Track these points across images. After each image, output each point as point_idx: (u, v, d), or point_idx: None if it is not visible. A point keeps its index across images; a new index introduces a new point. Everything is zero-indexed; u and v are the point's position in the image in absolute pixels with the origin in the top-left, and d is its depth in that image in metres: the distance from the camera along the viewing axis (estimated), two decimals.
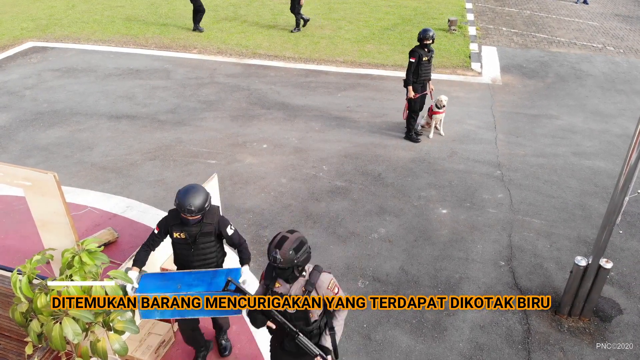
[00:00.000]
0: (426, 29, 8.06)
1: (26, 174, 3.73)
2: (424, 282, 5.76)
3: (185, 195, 3.95)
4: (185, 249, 4.24)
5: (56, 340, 3.37)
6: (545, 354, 4.90)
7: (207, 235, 4.18)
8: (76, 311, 3.38)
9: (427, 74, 8.30)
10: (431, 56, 8.22)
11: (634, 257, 6.19)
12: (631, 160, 4.34)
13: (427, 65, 8.20)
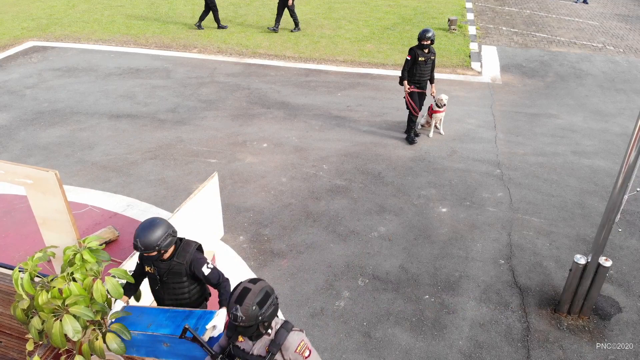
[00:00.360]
0: (425, 29, 8.00)
1: (27, 172, 3.75)
2: (424, 280, 5.78)
3: (141, 230, 3.67)
4: (155, 285, 4.01)
5: (56, 337, 3.38)
6: (544, 352, 4.91)
7: (177, 275, 3.88)
8: (77, 309, 3.40)
9: (422, 75, 8.22)
10: (430, 58, 8.11)
11: (633, 256, 6.21)
12: (630, 158, 4.36)
13: (423, 67, 8.14)
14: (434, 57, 8.19)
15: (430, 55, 8.13)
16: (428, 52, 8.07)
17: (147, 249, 3.64)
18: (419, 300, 5.50)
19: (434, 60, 8.24)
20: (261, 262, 6.03)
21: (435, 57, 8.22)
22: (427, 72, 8.20)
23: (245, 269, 5.92)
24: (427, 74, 8.24)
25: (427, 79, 8.31)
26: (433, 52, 8.16)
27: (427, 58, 8.08)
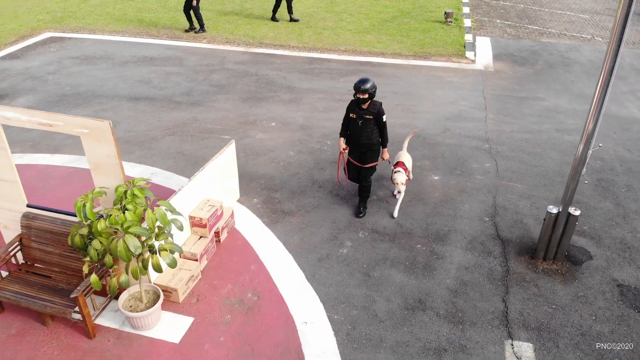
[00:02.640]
0: (361, 79, 5.99)
1: (84, 122, 4.51)
2: (417, 233, 6.54)
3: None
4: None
5: (122, 252, 4.14)
6: (521, 289, 5.68)
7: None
8: (135, 229, 4.16)
9: (357, 137, 6.30)
10: (365, 117, 6.11)
11: (605, 215, 6.96)
12: (593, 118, 5.11)
13: (357, 128, 6.22)
14: (372, 117, 6.11)
15: (366, 114, 6.10)
16: (365, 108, 6.12)
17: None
18: (412, 249, 6.26)
19: (374, 122, 6.18)
20: (273, 219, 6.80)
21: (379, 118, 6.15)
22: (360, 134, 6.25)
23: (260, 225, 6.68)
24: (360, 137, 6.26)
25: (366, 143, 6.33)
26: (373, 111, 6.11)
27: (364, 120, 6.13)
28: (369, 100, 6.14)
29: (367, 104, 6.18)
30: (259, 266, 5.96)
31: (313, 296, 5.54)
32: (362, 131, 6.26)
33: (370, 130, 6.26)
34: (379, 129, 6.33)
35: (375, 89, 6.13)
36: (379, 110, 6.20)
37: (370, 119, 6.18)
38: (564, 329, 5.19)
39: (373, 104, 6.20)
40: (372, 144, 6.38)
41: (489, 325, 5.20)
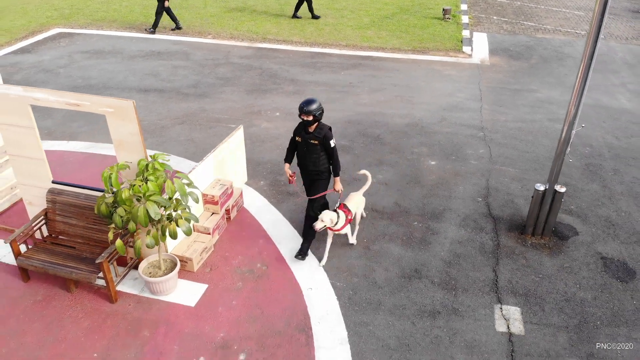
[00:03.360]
0: (307, 100, 5.47)
1: (109, 102, 4.94)
2: (414, 212, 6.97)
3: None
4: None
5: (141, 218, 4.57)
6: (510, 261, 6.11)
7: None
8: (156, 197, 4.59)
9: (303, 163, 5.79)
10: (310, 142, 5.54)
11: (592, 196, 7.39)
12: (576, 100, 5.54)
13: (302, 153, 5.70)
14: (317, 142, 5.53)
15: (311, 139, 5.54)
16: (311, 132, 5.55)
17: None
18: (409, 226, 6.69)
19: (321, 147, 5.60)
20: (279, 200, 7.22)
21: (326, 144, 5.56)
22: (310, 160, 5.68)
23: (267, 204, 7.11)
24: (311, 164, 5.71)
25: (313, 170, 5.78)
26: (319, 136, 5.51)
27: (306, 141, 5.60)
28: (315, 123, 5.52)
29: (314, 127, 5.55)
30: (266, 240, 6.39)
31: (317, 266, 5.97)
32: (307, 157, 5.67)
33: (317, 157, 5.64)
34: (327, 156, 5.69)
35: (321, 111, 5.50)
36: (326, 134, 5.53)
37: (316, 144, 5.55)
38: (550, 295, 5.62)
39: (320, 128, 5.55)
40: (320, 172, 5.76)
41: (480, 292, 5.63)
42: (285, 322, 5.20)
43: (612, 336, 5.15)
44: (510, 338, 5.09)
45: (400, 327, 5.18)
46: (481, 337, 5.08)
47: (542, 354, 4.93)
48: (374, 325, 5.20)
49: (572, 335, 5.14)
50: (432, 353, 4.91)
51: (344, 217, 5.84)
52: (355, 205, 6.15)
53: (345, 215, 5.88)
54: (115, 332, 5.08)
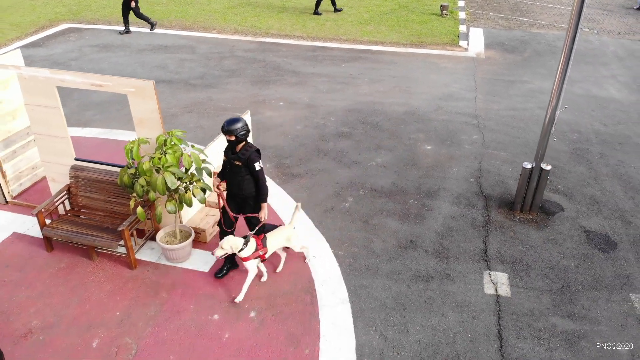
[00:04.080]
0: (229, 120, 5.12)
1: (130, 82, 5.41)
2: (410, 191, 7.44)
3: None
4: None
5: (160, 186, 5.04)
6: (500, 233, 6.57)
7: None
8: (173, 169, 5.06)
9: (228, 184, 5.39)
10: (234, 163, 5.21)
11: (578, 177, 7.85)
12: (558, 83, 6.00)
13: (227, 173, 5.35)
14: (240, 163, 5.18)
15: (235, 160, 5.22)
16: (236, 152, 5.22)
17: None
18: (405, 203, 7.15)
19: (246, 170, 5.23)
20: (284, 180, 7.69)
21: (250, 167, 5.19)
22: (235, 182, 5.32)
23: (273, 184, 7.57)
24: (235, 186, 5.34)
25: (239, 192, 5.38)
26: (242, 157, 5.17)
27: (230, 161, 5.28)
28: (239, 143, 5.19)
29: (239, 148, 5.21)
30: (273, 216, 6.85)
31: (320, 238, 6.44)
32: (232, 179, 5.32)
33: (241, 179, 5.26)
34: (253, 180, 5.31)
35: (245, 132, 5.13)
36: (250, 157, 5.15)
37: (239, 165, 5.19)
38: (535, 263, 6.09)
39: (245, 149, 5.20)
40: (245, 196, 5.38)
41: (470, 260, 6.10)
42: (292, 285, 5.67)
43: (592, 299, 5.61)
44: (498, 299, 5.55)
45: (396, 289, 5.65)
46: (471, 298, 5.55)
47: (526, 313, 5.39)
48: (372, 287, 5.67)
49: (554, 297, 5.60)
50: (426, 311, 5.38)
51: (252, 248, 5.30)
52: (276, 243, 5.58)
53: (257, 247, 5.34)
54: (135, 294, 5.55)
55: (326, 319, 5.24)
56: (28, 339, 5.04)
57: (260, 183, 5.30)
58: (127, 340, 5.00)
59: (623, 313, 5.44)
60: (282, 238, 5.63)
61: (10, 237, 6.42)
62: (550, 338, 5.11)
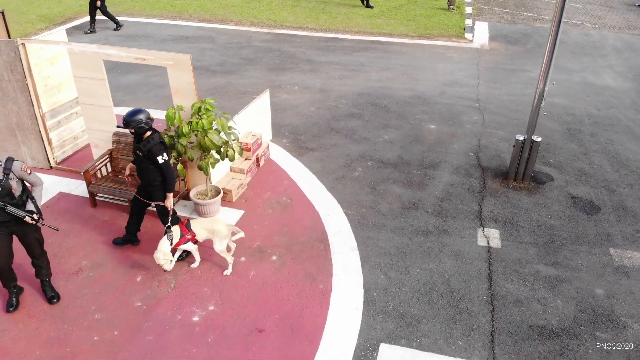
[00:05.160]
0: (129, 112, 5.34)
1: (170, 56, 6.21)
2: (414, 163, 8.19)
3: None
4: None
5: (211, 144, 5.84)
6: (494, 198, 7.31)
7: None
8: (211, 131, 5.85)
9: (138, 172, 5.67)
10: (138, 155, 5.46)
11: (569, 152, 8.56)
12: (547, 59, 6.73)
13: (137, 163, 5.60)
14: (142, 154, 5.39)
15: (137, 150, 5.43)
16: (139, 142, 5.44)
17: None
18: (409, 172, 7.91)
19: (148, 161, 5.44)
20: (300, 153, 8.47)
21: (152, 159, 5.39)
22: (140, 171, 5.60)
23: (290, 156, 8.35)
24: (141, 175, 5.62)
25: (144, 181, 5.66)
26: (144, 149, 5.35)
27: (135, 151, 5.52)
28: (142, 134, 5.40)
29: (145, 138, 5.42)
30: (290, 182, 7.64)
31: (332, 200, 7.21)
32: (139, 168, 5.58)
33: (145, 169, 5.49)
34: (158, 170, 5.49)
35: (142, 124, 5.30)
36: (151, 149, 5.33)
37: (141, 156, 5.43)
38: (525, 222, 6.82)
39: (147, 141, 5.36)
40: (151, 186, 5.64)
41: (466, 219, 6.85)
42: (308, 236, 6.45)
43: (574, 251, 6.33)
44: (489, 250, 6.30)
45: (399, 240, 6.41)
46: (465, 249, 6.30)
47: (514, 261, 6.13)
48: (378, 239, 6.44)
49: (540, 249, 6.33)
50: (424, 258, 6.14)
51: (178, 235, 5.54)
52: (202, 229, 5.65)
53: (182, 234, 5.56)
54: None
55: (338, 262, 6.01)
56: (79, 276, 5.86)
57: (165, 174, 5.46)
58: (166, 277, 5.80)
59: (602, 263, 6.16)
60: (208, 227, 5.62)
61: (56, 196, 7.25)
62: (535, 281, 5.84)
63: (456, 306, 5.46)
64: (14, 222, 5.01)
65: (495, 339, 5.08)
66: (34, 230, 5.17)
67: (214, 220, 5.82)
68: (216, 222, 5.73)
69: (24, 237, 5.20)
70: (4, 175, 4.82)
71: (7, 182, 4.85)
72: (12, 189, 4.88)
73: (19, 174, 4.93)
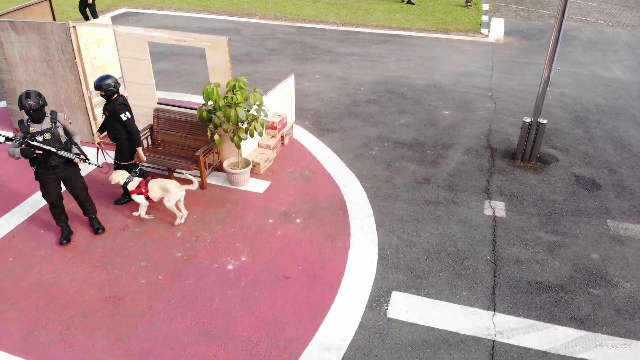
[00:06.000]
0: (100, 77, 6.28)
1: (208, 37, 6.91)
2: (428, 144, 8.79)
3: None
4: None
5: (234, 118, 6.52)
6: (501, 175, 7.88)
7: None
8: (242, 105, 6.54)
9: (107, 130, 6.57)
10: (106, 116, 6.43)
11: (575, 137, 9.09)
12: (552, 46, 7.29)
13: (107, 124, 6.51)
14: (108, 113, 6.35)
15: (105, 111, 6.40)
16: (107, 104, 6.38)
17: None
18: (423, 152, 8.51)
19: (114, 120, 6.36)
20: (321, 134, 9.13)
21: (116, 117, 6.29)
22: (109, 129, 6.53)
23: (311, 137, 9.01)
24: (109, 130, 6.53)
25: (112, 139, 6.59)
26: (110, 110, 6.32)
27: (103, 112, 6.46)
28: (110, 97, 6.30)
29: (111, 100, 6.34)
30: (312, 158, 8.30)
31: (351, 174, 7.85)
32: (108, 127, 6.50)
33: (111, 127, 6.43)
34: (124, 129, 6.41)
35: (112, 87, 6.23)
36: (115, 108, 6.26)
37: (108, 115, 6.35)
38: (529, 196, 7.39)
39: (112, 102, 6.31)
40: (118, 142, 6.56)
41: (475, 192, 7.44)
42: (328, 204, 7.11)
43: (574, 222, 6.88)
44: (495, 219, 6.89)
45: (412, 209, 7.04)
46: (472, 217, 6.90)
47: (517, 229, 6.71)
48: (392, 207, 7.07)
49: (542, 219, 6.90)
50: (434, 224, 6.75)
51: (135, 184, 6.46)
52: (156, 188, 6.49)
53: (139, 185, 6.48)
54: (207, 205, 7.06)
55: (355, 226, 6.66)
56: (126, 231, 6.59)
57: (130, 130, 6.40)
58: (203, 233, 6.50)
59: (599, 233, 6.70)
60: (162, 186, 6.50)
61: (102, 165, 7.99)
62: (535, 245, 6.42)
63: (462, 264, 6.07)
64: (63, 167, 5.81)
65: (497, 291, 5.68)
66: (79, 175, 6.03)
67: (168, 181, 6.60)
68: (169, 183, 6.56)
69: (71, 182, 6.03)
70: (52, 124, 5.65)
71: (55, 130, 5.68)
72: (60, 136, 5.70)
73: (63, 123, 5.77)
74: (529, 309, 5.47)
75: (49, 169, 5.78)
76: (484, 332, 5.16)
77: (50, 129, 5.65)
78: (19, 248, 6.26)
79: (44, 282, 5.75)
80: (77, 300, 5.49)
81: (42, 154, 5.63)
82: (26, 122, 5.60)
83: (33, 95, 5.44)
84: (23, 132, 5.55)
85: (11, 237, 6.45)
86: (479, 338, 5.11)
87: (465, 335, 5.14)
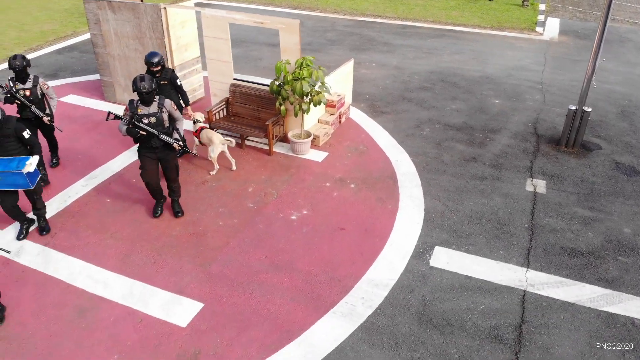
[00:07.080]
0: (149, 54, 7.47)
1: (282, 20, 7.82)
2: (477, 128, 9.42)
3: None
4: None
5: (299, 90, 7.42)
6: (545, 158, 8.43)
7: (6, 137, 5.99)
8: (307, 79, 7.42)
9: None
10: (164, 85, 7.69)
11: (620, 129, 9.48)
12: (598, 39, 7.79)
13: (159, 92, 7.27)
14: (166, 82, 7.64)
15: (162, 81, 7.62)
16: (159, 76, 7.58)
17: None
18: (472, 135, 9.15)
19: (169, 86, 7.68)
20: (375, 115, 9.91)
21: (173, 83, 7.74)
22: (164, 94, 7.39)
23: (366, 117, 9.81)
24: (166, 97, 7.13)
25: None
26: (167, 77, 7.64)
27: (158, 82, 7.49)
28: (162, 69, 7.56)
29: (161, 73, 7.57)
30: (366, 135, 9.10)
31: (402, 150, 8.60)
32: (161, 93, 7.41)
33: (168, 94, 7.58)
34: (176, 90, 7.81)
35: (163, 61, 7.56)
36: (172, 76, 7.70)
37: (165, 83, 7.62)
38: (569, 177, 7.92)
39: (165, 72, 7.65)
40: None
41: (518, 171, 8.04)
42: (380, 173, 7.89)
43: (610, 201, 7.38)
44: (535, 194, 7.48)
45: (458, 182, 7.72)
46: (514, 191, 7.51)
47: (556, 204, 7.28)
48: (439, 180, 7.77)
49: (580, 197, 7.44)
50: (478, 195, 7.42)
51: (196, 128, 7.96)
52: (205, 136, 7.79)
53: (197, 130, 7.91)
54: (273, 169, 7.99)
55: (404, 193, 7.42)
56: (205, 185, 7.60)
57: (181, 91, 7.79)
58: (270, 191, 7.43)
59: (633, 212, 7.18)
60: (209, 136, 7.73)
61: None
62: (571, 218, 6.99)
63: (501, 229, 6.73)
64: (162, 149, 6.29)
65: (531, 253, 6.32)
66: (174, 157, 6.60)
67: (214, 134, 7.75)
68: (215, 135, 7.72)
69: (166, 163, 6.56)
70: (158, 109, 6.21)
71: (160, 115, 6.17)
72: (164, 121, 6.23)
73: (169, 109, 6.32)
74: (560, 268, 6.08)
75: (150, 148, 6.27)
76: (517, 284, 5.82)
77: (156, 113, 6.12)
78: (116, 191, 7.38)
79: (138, 219, 6.81)
80: (166, 234, 6.52)
81: (145, 134, 6.15)
82: (136, 102, 6.10)
83: (147, 80, 5.93)
84: (132, 112, 6.05)
85: (108, 183, 7.59)
86: (511, 288, 5.77)
87: (500, 284, 5.81)
